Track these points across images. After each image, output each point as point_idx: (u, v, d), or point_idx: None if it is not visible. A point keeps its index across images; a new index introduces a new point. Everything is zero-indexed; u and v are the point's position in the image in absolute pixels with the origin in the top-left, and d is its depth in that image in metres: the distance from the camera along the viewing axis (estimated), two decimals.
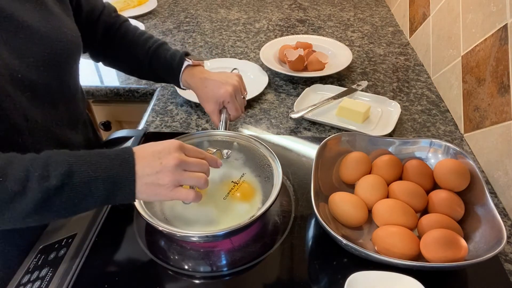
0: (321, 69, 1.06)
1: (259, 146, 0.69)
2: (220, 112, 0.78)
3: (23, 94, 0.58)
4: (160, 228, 0.56)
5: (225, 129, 0.75)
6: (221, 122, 0.77)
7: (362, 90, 0.98)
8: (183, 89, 0.84)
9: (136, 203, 0.59)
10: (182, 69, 0.80)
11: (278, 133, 0.88)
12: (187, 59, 0.80)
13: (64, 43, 0.64)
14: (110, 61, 0.87)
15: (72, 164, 0.49)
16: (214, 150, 0.65)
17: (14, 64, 0.56)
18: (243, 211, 0.63)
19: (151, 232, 0.65)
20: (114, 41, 0.82)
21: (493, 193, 0.73)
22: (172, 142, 0.54)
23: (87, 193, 0.49)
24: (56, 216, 0.51)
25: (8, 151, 0.50)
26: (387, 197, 0.65)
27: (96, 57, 0.86)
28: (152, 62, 0.82)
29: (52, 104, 0.65)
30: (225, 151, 0.70)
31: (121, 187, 0.50)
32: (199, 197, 0.55)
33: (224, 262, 0.61)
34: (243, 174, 0.68)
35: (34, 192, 0.47)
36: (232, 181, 0.67)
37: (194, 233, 0.57)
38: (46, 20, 0.62)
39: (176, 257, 0.61)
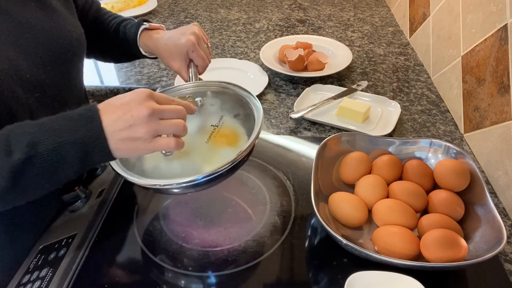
0: (321, 69, 1.06)
1: (233, 88, 0.67)
2: (188, 67, 0.77)
3: (32, 95, 0.58)
4: (141, 182, 0.53)
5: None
6: (190, 77, 0.75)
7: (362, 90, 0.98)
8: (146, 55, 0.82)
9: (113, 163, 0.56)
10: (139, 32, 0.79)
11: (278, 133, 0.88)
12: (144, 23, 0.79)
13: (69, 41, 0.64)
14: (89, 52, 0.85)
15: (33, 133, 0.46)
16: (187, 97, 0.61)
17: (22, 65, 0.56)
18: (228, 154, 0.58)
19: (151, 232, 0.65)
20: (94, 32, 0.82)
21: (493, 193, 0.73)
22: (141, 91, 0.50)
23: (59, 160, 0.47)
24: (38, 189, 0.49)
25: None
26: (387, 197, 0.65)
27: None
28: (115, 37, 0.81)
29: (60, 104, 0.64)
30: (197, 98, 0.67)
31: (93, 148, 0.48)
32: (182, 144, 0.52)
33: (224, 262, 0.60)
34: (222, 116, 0.65)
35: (2, 170, 0.45)
36: (211, 125, 0.64)
37: (172, 181, 0.53)
38: (50, 19, 0.62)
39: (176, 257, 0.61)
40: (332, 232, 0.55)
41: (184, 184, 0.54)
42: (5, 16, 0.56)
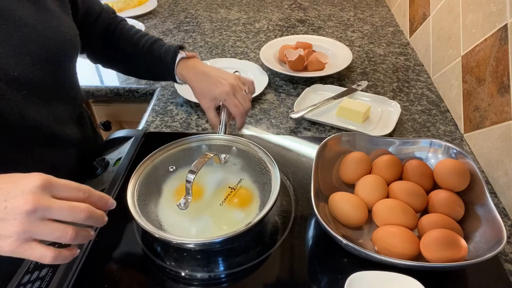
0: (321, 69, 1.06)
1: (257, 151, 0.68)
2: (220, 111, 0.77)
3: (19, 92, 0.58)
4: (157, 235, 0.56)
5: (225, 133, 0.74)
6: (220, 125, 0.75)
7: (362, 90, 0.98)
8: (180, 83, 0.83)
9: (131, 208, 0.58)
10: (176, 62, 0.79)
11: (278, 133, 0.88)
12: (180, 51, 0.80)
13: (61, 42, 0.64)
14: (108, 62, 0.87)
15: None
16: (212, 155, 0.63)
17: (10, 63, 0.56)
18: (239, 218, 0.61)
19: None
20: (110, 42, 0.82)
21: (493, 193, 0.73)
22: (36, 178, 0.40)
23: None
24: None
25: None
26: (387, 197, 0.65)
27: (94, 58, 0.86)
28: (147, 59, 0.81)
29: (49, 102, 0.64)
30: (222, 155, 0.68)
31: None
32: (63, 257, 0.42)
33: (224, 262, 0.60)
34: (241, 179, 0.67)
35: None
36: (229, 187, 0.65)
37: (190, 240, 0.57)
38: (44, 19, 0.62)
39: (176, 257, 0.61)
40: (332, 232, 0.55)
41: (197, 245, 0.57)
42: None
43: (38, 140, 0.63)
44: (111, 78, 1.09)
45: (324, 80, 1.06)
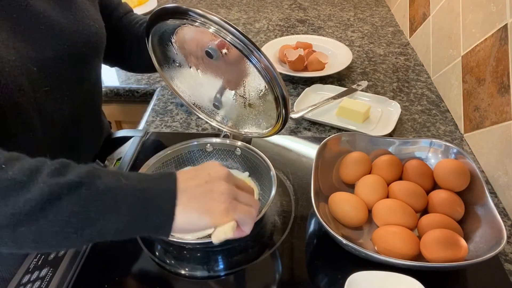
0: (321, 69, 1.06)
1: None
2: None
3: (40, 88, 0.55)
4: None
5: None
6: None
7: (362, 90, 0.98)
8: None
9: None
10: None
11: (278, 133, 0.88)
12: None
13: (86, 36, 0.62)
14: (115, 58, 0.83)
15: (97, 169, 0.41)
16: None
17: (31, 57, 0.54)
18: None
19: None
20: (120, 35, 0.79)
21: (493, 193, 0.73)
22: (220, 169, 0.46)
23: (109, 205, 0.39)
24: (61, 234, 0.38)
25: (15, 147, 0.48)
26: (387, 197, 0.65)
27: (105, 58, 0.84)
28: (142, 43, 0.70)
29: (71, 99, 0.62)
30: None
31: (157, 202, 0.41)
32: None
33: (224, 262, 0.60)
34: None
35: (40, 186, 0.37)
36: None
37: (190, 240, 0.58)
38: (69, 11, 0.60)
39: (176, 257, 0.61)
40: (332, 232, 0.55)
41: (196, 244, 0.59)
42: (22, 6, 0.53)
43: (55, 139, 0.61)
44: (111, 78, 1.09)
45: (324, 80, 1.06)
